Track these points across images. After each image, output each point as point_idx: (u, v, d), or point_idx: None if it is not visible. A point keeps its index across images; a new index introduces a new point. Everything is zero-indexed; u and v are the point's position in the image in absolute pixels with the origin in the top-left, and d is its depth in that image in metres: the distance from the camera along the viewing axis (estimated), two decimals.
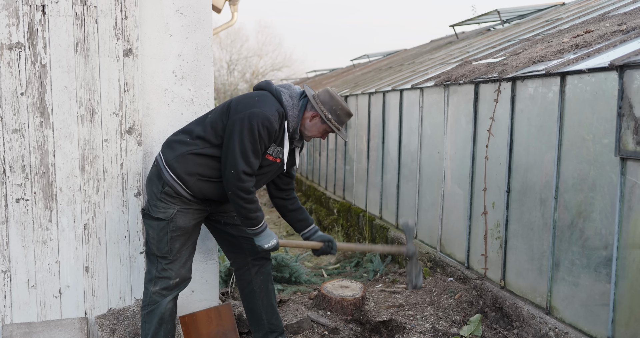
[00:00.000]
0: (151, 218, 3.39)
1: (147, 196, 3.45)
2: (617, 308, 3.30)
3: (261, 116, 3.22)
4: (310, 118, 3.40)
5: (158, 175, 3.39)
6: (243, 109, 3.26)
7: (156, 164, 3.43)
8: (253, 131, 3.20)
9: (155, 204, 3.38)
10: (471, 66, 5.44)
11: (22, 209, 3.67)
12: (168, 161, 3.35)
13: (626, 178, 3.24)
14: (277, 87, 3.40)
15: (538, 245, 4.03)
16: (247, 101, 3.32)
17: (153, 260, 3.42)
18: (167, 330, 3.45)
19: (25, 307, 3.73)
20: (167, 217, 3.35)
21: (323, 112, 3.36)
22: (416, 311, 4.53)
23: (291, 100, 3.36)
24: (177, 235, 3.38)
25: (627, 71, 3.19)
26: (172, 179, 3.33)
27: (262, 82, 3.50)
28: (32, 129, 3.64)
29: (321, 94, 3.41)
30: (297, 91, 3.45)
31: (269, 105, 3.28)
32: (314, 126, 3.42)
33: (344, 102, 3.41)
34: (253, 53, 35.34)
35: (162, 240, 3.37)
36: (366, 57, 17.78)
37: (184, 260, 3.45)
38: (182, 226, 3.39)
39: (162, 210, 3.35)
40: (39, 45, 3.61)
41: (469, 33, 11.86)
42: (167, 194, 3.35)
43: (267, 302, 3.72)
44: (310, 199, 11.10)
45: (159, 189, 3.36)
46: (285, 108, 3.32)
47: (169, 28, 3.90)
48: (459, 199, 5.18)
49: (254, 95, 3.36)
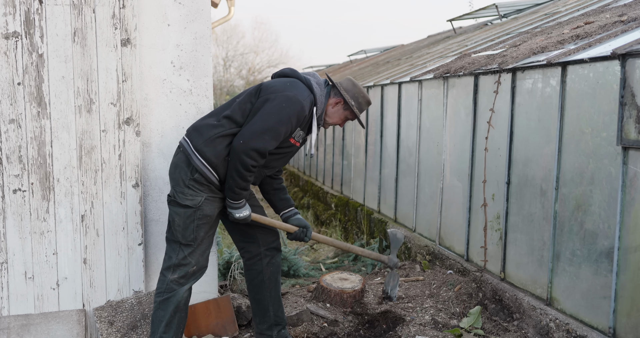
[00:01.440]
0: (178, 205, 3.34)
1: (172, 182, 3.39)
2: (618, 298, 3.28)
3: (294, 100, 3.27)
4: (334, 105, 3.52)
5: (187, 161, 3.34)
6: (276, 91, 3.31)
7: (183, 150, 3.37)
8: (281, 113, 3.24)
9: (182, 191, 3.33)
10: (470, 58, 5.42)
11: (19, 200, 3.63)
12: (197, 145, 3.30)
13: (628, 168, 3.22)
14: (304, 76, 3.46)
15: (538, 236, 4.02)
16: (280, 84, 3.36)
17: (175, 248, 3.39)
18: (181, 319, 3.43)
19: (23, 299, 3.70)
20: (195, 205, 3.32)
21: (347, 99, 3.47)
22: (415, 303, 4.51)
23: (319, 87, 3.45)
24: (203, 223, 3.36)
25: (630, 59, 3.17)
26: (202, 164, 3.28)
27: (285, 69, 3.55)
28: (29, 120, 3.61)
29: (344, 82, 3.54)
30: (322, 79, 3.54)
31: (302, 91, 3.35)
32: (336, 113, 3.53)
33: (364, 90, 3.53)
34: (249, 50, 35.26)
35: (189, 228, 3.33)
36: (363, 53, 17.75)
37: (204, 248, 3.43)
38: (209, 215, 3.37)
39: (189, 197, 3.32)
40: (36, 34, 3.57)
41: (467, 28, 11.83)
42: (196, 181, 3.31)
43: (274, 294, 3.69)
44: (308, 194, 11.08)
45: (187, 176, 3.32)
46: (315, 95, 3.39)
47: (167, 18, 3.86)
48: (458, 192, 5.16)
49: (285, 81, 3.41)
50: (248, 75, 33.57)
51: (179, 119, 3.92)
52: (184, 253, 3.36)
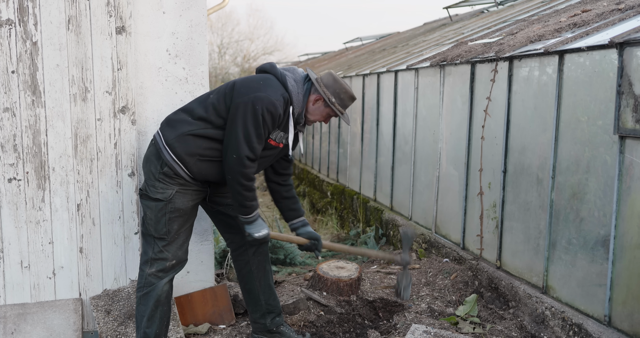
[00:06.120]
0: (149, 198, 3.32)
1: (145, 176, 3.38)
2: (614, 286, 3.30)
3: (266, 101, 3.17)
4: (314, 102, 3.37)
5: (157, 155, 3.32)
6: (247, 92, 3.21)
7: (154, 144, 3.35)
8: (257, 116, 3.16)
9: (153, 184, 3.31)
10: (467, 46, 5.40)
11: (14, 189, 3.62)
12: (168, 140, 3.27)
13: (624, 156, 3.22)
14: (282, 71, 3.34)
15: (534, 225, 4.02)
16: (252, 84, 3.26)
17: (150, 241, 3.36)
18: (163, 312, 3.41)
19: (19, 288, 3.70)
20: (166, 198, 3.29)
21: (327, 96, 3.32)
22: (412, 292, 4.52)
23: (296, 84, 3.32)
24: (176, 216, 3.32)
25: (627, 48, 3.16)
26: (171, 159, 3.26)
27: (265, 64, 3.43)
28: (23, 108, 3.58)
29: (324, 78, 3.37)
30: (301, 75, 3.40)
31: (274, 90, 3.23)
32: (317, 110, 3.39)
33: (347, 85, 3.37)
34: (244, 37, 35.12)
35: (160, 221, 3.31)
36: (359, 40, 17.68)
37: (181, 242, 3.40)
38: (181, 208, 3.33)
39: (160, 191, 3.29)
40: (30, 22, 3.54)
41: (463, 15, 11.79)
42: (165, 175, 3.29)
43: (265, 282, 3.69)
44: (304, 183, 11.08)
45: (157, 169, 3.29)
46: (291, 93, 3.28)
47: (162, 5, 3.83)
48: (455, 180, 5.16)
49: (259, 78, 3.30)
50: (243, 62, 33.45)
51: (174, 107, 3.89)
52: (158, 246, 3.33)
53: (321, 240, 3.59)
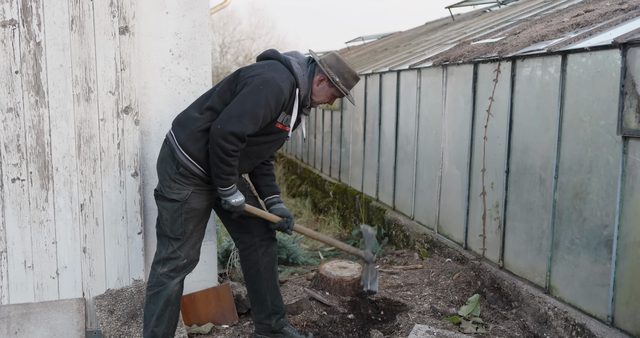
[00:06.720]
0: (164, 199, 3.31)
1: (160, 176, 3.36)
2: (617, 287, 3.30)
3: (272, 83, 3.18)
4: (318, 82, 3.39)
5: (172, 156, 3.31)
6: (254, 74, 3.22)
7: (168, 144, 3.34)
8: (258, 96, 3.14)
9: (169, 185, 3.30)
10: (470, 46, 5.40)
11: (18, 189, 3.62)
12: (180, 140, 3.27)
13: (628, 157, 3.22)
14: (285, 56, 3.36)
15: (537, 225, 4.02)
16: (258, 68, 3.27)
17: (164, 242, 3.36)
18: (172, 312, 3.41)
19: (23, 288, 3.71)
20: (182, 198, 3.28)
21: (331, 76, 3.34)
22: (414, 291, 4.53)
23: (300, 67, 3.34)
24: (191, 216, 3.32)
25: (631, 48, 3.16)
26: (186, 159, 3.25)
27: (267, 51, 3.44)
28: (27, 108, 3.59)
29: (328, 58, 3.40)
30: (304, 58, 3.43)
31: (280, 73, 3.25)
32: (322, 91, 3.41)
33: (350, 65, 3.39)
34: (246, 36, 35.07)
35: (176, 222, 3.30)
36: (361, 40, 17.66)
37: (194, 242, 3.40)
38: (196, 208, 3.33)
39: (176, 191, 3.28)
40: (33, 22, 3.54)
41: (465, 15, 11.78)
42: (181, 175, 3.28)
43: (272, 283, 3.68)
44: (306, 182, 11.08)
45: (173, 170, 3.29)
46: (296, 76, 3.30)
47: (165, 5, 3.84)
48: (457, 180, 5.16)
49: (264, 63, 3.31)
50: (245, 62, 33.42)
51: (177, 107, 3.90)
52: (173, 247, 3.33)
53: (293, 220, 3.59)
